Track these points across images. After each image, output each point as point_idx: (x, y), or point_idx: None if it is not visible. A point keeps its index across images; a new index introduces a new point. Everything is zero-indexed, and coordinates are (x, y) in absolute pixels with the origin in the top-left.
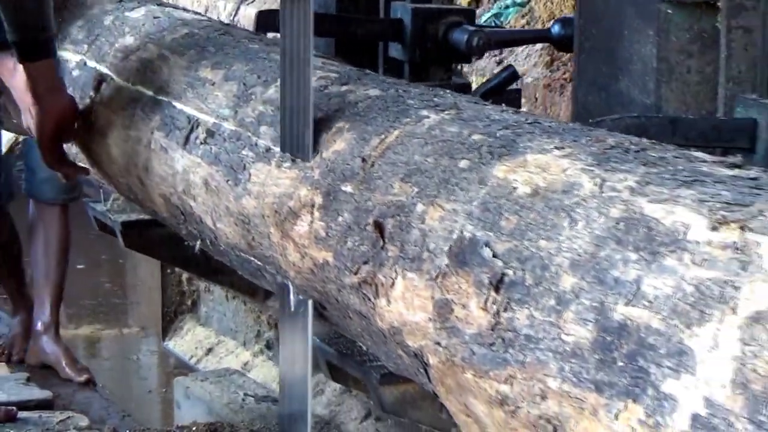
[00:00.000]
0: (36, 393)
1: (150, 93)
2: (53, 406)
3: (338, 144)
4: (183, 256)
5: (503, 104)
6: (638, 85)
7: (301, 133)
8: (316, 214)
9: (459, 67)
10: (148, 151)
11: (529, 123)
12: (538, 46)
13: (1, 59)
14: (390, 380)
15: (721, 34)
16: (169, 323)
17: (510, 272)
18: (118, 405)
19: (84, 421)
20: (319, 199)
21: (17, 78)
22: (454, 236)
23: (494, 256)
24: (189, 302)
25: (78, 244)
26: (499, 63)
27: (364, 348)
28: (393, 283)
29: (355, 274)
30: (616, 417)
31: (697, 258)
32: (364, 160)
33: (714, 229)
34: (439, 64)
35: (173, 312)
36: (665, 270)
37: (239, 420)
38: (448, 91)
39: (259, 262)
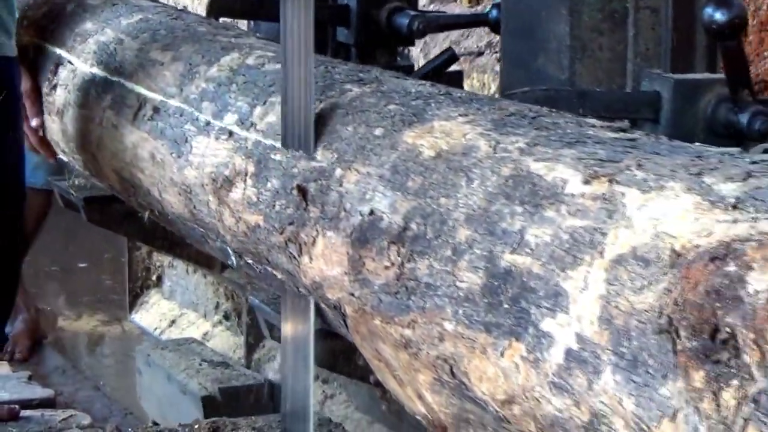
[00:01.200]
0: (38, 391)
1: (104, 74)
2: (55, 405)
3: (270, 116)
4: (143, 230)
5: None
6: (554, 62)
7: (303, 128)
8: (249, 181)
9: (406, 50)
10: (101, 129)
11: (441, 94)
12: None
13: None
14: (321, 335)
15: (629, 13)
16: (135, 298)
17: (413, 227)
18: (121, 404)
19: (86, 420)
20: (251, 168)
21: None
22: (367, 197)
23: (398, 214)
24: (154, 277)
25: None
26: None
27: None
28: (314, 242)
29: (281, 234)
30: (502, 354)
31: (572, 209)
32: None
33: (587, 182)
34: (385, 47)
35: (139, 287)
36: (545, 221)
37: (195, 384)
38: (374, 67)
39: (201, 229)
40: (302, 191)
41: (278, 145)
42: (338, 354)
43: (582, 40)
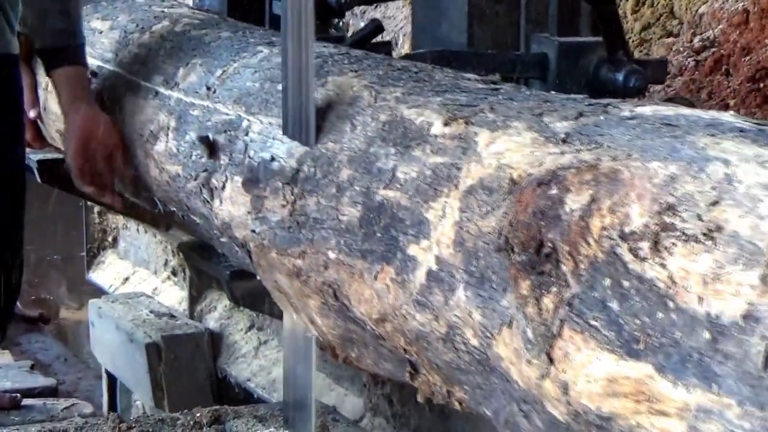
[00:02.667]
0: (40, 380)
1: None
2: (57, 394)
3: (191, 77)
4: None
5: None
6: (455, 28)
7: (303, 118)
8: (170, 135)
9: (341, 22)
10: (46, 93)
11: (340, 54)
12: None
13: None
14: (239, 276)
15: None
16: (92, 258)
17: (305, 169)
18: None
19: (88, 408)
20: (173, 123)
21: None
22: (268, 144)
23: (293, 158)
24: (110, 238)
25: None
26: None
27: (219, 250)
28: (224, 186)
29: (196, 180)
30: (376, 278)
31: (435, 148)
32: (208, 88)
33: (447, 124)
34: (317, 19)
35: (96, 248)
36: (413, 159)
37: (141, 333)
38: None
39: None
40: (214, 141)
41: (194, 101)
42: (257, 294)
43: (480, 8)
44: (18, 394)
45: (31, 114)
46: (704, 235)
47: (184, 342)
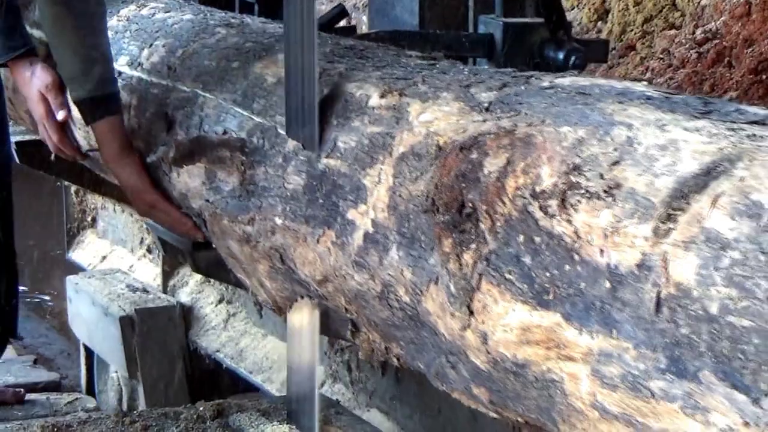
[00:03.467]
0: (43, 375)
1: None
2: (61, 388)
3: (154, 57)
4: (71, 171)
5: None
6: (407, 11)
7: (307, 125)
8: (132, 112)
9: None
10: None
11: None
12: None
13: (17, 68)
14: (201, 246)
15: None
16: (72, 238)
17: (254, 140)
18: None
19: (92, 403)
20: (134, 101)
21: (32, 88)
22: (221, 118)
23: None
24: (89, 219)
25: None
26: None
27: None
28: (180, 159)
29: (155, 154)
30: (318, 241)
31: (372, 118)
32: (169, 67)
33: (383, 96)
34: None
35: (76, 228)
36: (353, 129)
37: (115, 306)
38: (247, 15)
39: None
40: (171, 117)
41: (156, 80)
42: (219, 263)
43: None
44: (21, 389)
45: (60, 116)
46: (605, 192)
47: (157, 315)
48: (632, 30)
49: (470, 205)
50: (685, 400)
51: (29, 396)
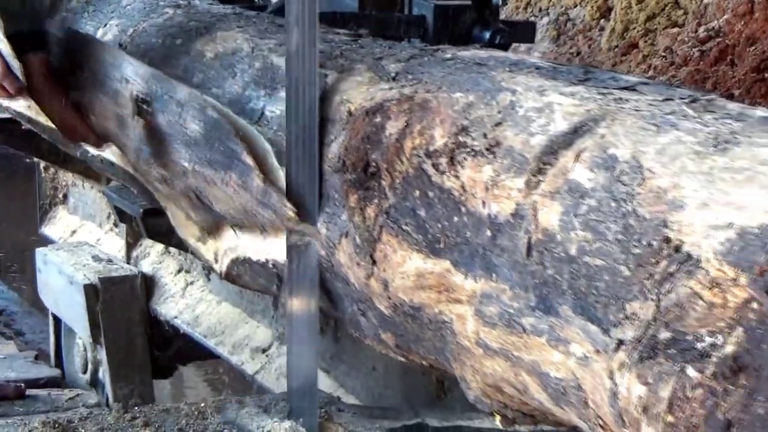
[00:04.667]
0: (45, 371)
1: None
2: (62, 384)
3: (108, 35)
4: (40, 147)
5: None
6: None
7: (307, 119)
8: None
9: None
10: None
11: (234, 14)
12: None
13: None
14: (151, 213)
15: None
16: (44, 214)
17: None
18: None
19: (93, 399)
20: None
21: None
22: (170, 93)
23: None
24: (61, 195)
25: None
26: None
27: (133, 190)
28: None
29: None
30: (226, 184)
31: None
32: (120, 45)
33: None
34: None
35: (48, 204)
36: (279, 100)
37: (80, 275)
38: None
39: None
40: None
41: None
42: (167, 228)
43: None
44: (22, 384)
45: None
46: (487, 150)
47: (119, 283)
48: (635, 28)
49: (374, 164)
50: (550, 334)
51: (30, 392)
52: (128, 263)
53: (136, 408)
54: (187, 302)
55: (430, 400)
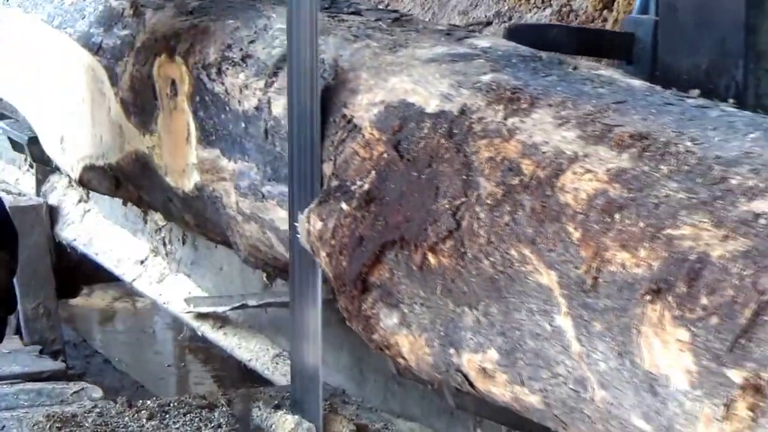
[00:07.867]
0: (49, 364)
1: None
2: (66, 378)
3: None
4: None
5: None
6: None
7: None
8: None
9: None
10: None
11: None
12: None
13: None
14: (35, 140)
15: None
16: None
17: None
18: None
19: (98, 392)
20: None
21: None
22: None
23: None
24: None
25: None
26: None
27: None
28: None
29: None
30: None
31: (123, 24)
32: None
33: (132, 6)
34: None
35: None
36: (113, 35)
37: None
38: None
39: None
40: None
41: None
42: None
43: None
44: None
45: None
46: (242, 60)
47: (27, 212)
48: None
49: (171, 78)
50: (277, 198)
51: (35, 385)
52: (38, 196)
53: (140, 401)
54: (85, 227)
55: (262, 286)
